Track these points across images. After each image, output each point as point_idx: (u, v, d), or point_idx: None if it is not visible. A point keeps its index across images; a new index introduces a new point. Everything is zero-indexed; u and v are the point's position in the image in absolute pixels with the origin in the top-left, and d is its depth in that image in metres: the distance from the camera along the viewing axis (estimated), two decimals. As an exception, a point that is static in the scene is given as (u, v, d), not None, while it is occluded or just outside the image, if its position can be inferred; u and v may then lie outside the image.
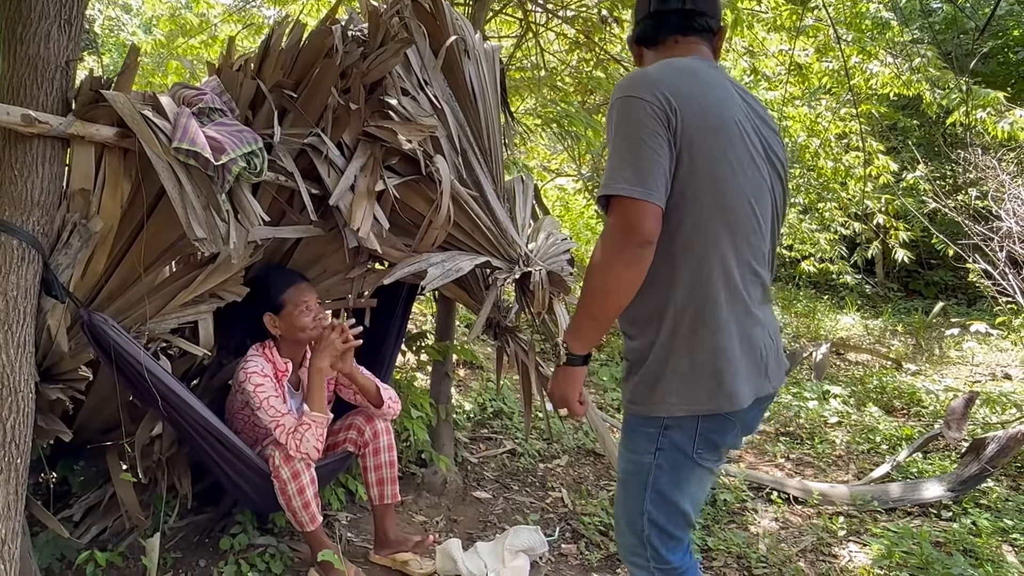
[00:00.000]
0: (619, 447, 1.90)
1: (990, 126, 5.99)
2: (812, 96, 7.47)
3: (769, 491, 3.83)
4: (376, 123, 2.64)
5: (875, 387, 5.90)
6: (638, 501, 1.84)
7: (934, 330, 8.13)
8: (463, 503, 3.46)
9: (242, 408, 2.79)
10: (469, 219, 2.90)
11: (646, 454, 1.79)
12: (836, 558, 3.26)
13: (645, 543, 1.86)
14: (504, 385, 4.74)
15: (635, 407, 1.79)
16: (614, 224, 1.60)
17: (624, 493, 1.88)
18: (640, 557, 1.89)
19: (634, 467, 1.83)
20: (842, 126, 6.85)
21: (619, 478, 1.91)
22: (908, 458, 4.28)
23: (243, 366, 2.67)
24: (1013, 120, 5.87)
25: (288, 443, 2.56)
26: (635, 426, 1.81)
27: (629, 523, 1.88)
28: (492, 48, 3.27)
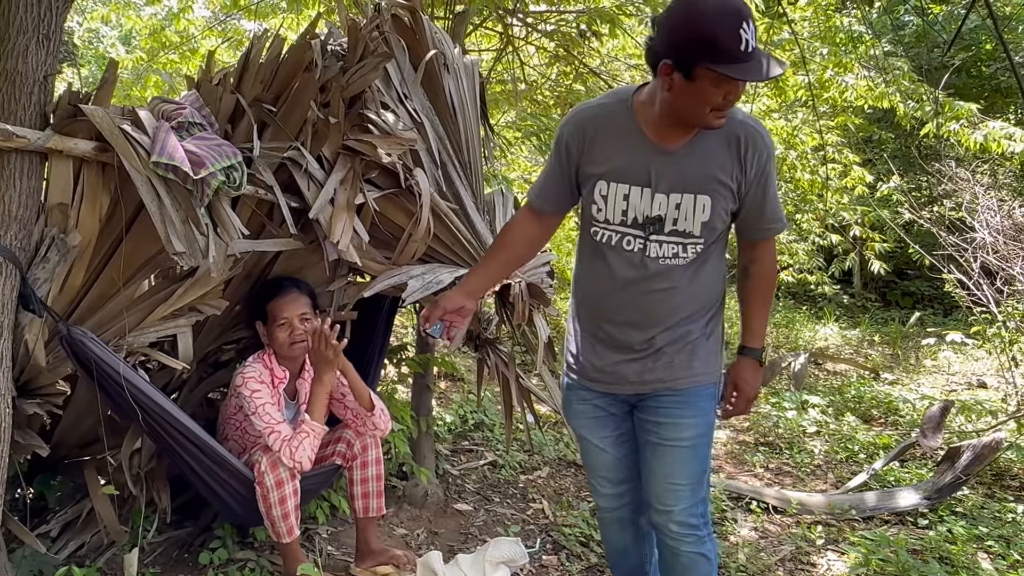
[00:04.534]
0: (678, 421, 2.14)
1: (964, 138, 6.08)
2: (789, 109, 7.55)
3: (748, 501, 3.85)
4: (356, 136, 2.65)
5: (853, 396, 5.96)
6: (706, 460, 2.21)
7: (911, 340, 8.23)
8: (444, 515, 3.46)
9: (235, 413, 2.80)
10: (449, 232, 2.91)
11: (711, 413, 2.18)
12: (814, 567, 3.29)
13: (704, 501, 2.22)
14: (485, 397, 4.75)
15: (703, 377, 2.14)
16: (775, 247, 2.23)
17: (694, 457, 2.16)
18: (700, 519, 2.20)
19: (704, 429, 2.17)
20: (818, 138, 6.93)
21: (684, 448, 2.15)
22: (885, 467, 4.33)
23: (241, 371, 2.69)
24: (987, 132, 5.97)
25: (283, 451, 2.55)
26: (698, 393, 2.14)
27: (695, 488, 2.17)
28: (472, 62, 3.30)
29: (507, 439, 3.65)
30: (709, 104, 1.84)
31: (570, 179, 2.14)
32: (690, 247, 2.04)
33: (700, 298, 2.11)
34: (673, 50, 1.83)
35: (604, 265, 2.11)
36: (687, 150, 1.98)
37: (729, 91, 1.83)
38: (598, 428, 2.30)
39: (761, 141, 2.00)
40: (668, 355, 2.11)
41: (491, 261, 2.36)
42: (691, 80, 1.82)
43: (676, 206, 1.99)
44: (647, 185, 2.00)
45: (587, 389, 2.27)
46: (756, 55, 1.79)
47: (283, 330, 2.71)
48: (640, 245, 2.04)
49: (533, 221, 2.28)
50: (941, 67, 9.04)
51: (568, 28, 5.75)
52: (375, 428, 2.84)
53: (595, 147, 2.06)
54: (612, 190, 2.04)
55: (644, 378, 2.14)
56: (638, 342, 2.11)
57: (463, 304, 2.29)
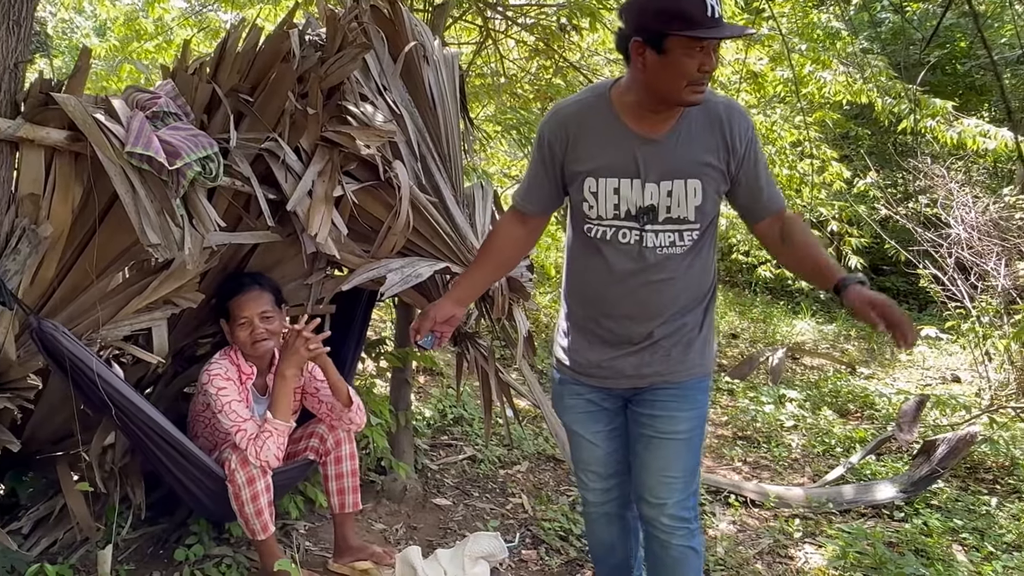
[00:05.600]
0: (674, 414, 2.14)
1: (940, 134, 6.14)
2: (767, 104, 7.59)
3: (727, 494, 3.86)
4: (334, 128, 2.62)
5: (830, 391, 6.00)
6: (699, 452, 2.22)
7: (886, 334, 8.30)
8: (423, 510, 3.44)
9: (203, 410, 2.76)
10: (428, 225, 2.89)
11: (704, 406, 2.21)
12: (792, 560, 3.31)
13: (695, 494, 2.24)
14: (464, 391, 4.73)
15: (699, 369, 2.16)
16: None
17: (688, 450, 2.16)
18: (692, 512, 2.21)
19: (698, 421, 2.18)
20: (796, 133, 6.97)
21: (679, 440, 2.15)
22: (862, 460, 4.36)
23: (207, 368, 2.64)
24: (961, 129, 6.02)
25: (248, 449, 2.52)
26: (694, 386, 2.16)
27: (687, 481, 2.18)
28: (451, 54, 3.28)
29: (486, 433, 3.63)
30: (685, 77, 1.84)
31: (555, 179, 2.13)
32: (686, 234, 2.04)
33: (695, 288, 2.12)
34: (641, 27, 1.84)
35: (601, 260, 2.09)
36: (671, 136, 1.98)
37: (703, 61, 1.83)
38: (591, 423, 2.29)
39: (743, 118, 2.02)
40: (665, 348, 2.12)
41: (479, 267, 2.35)
42: (663, 54, 1.82)
43: (668, 193, 1.99)
44: (636, 176, 1.99)
45: (580, 384, 2.25)
46: (723, 23, 1.80)
47: (244, 329, 2.66)
48: (636, 237, 2.03)
49: (519, 224, 2.27)
50: (917, 64, 9.12)
51: (548, 22, 5.74)
52: (350, 423, 2.82)
53: (579, 144, 2.05)
54: (601, 185, 2.03)
55: (641, 372, 2.14)
56: (637, 335, 2.11)
57: (452, 313, 2.29)
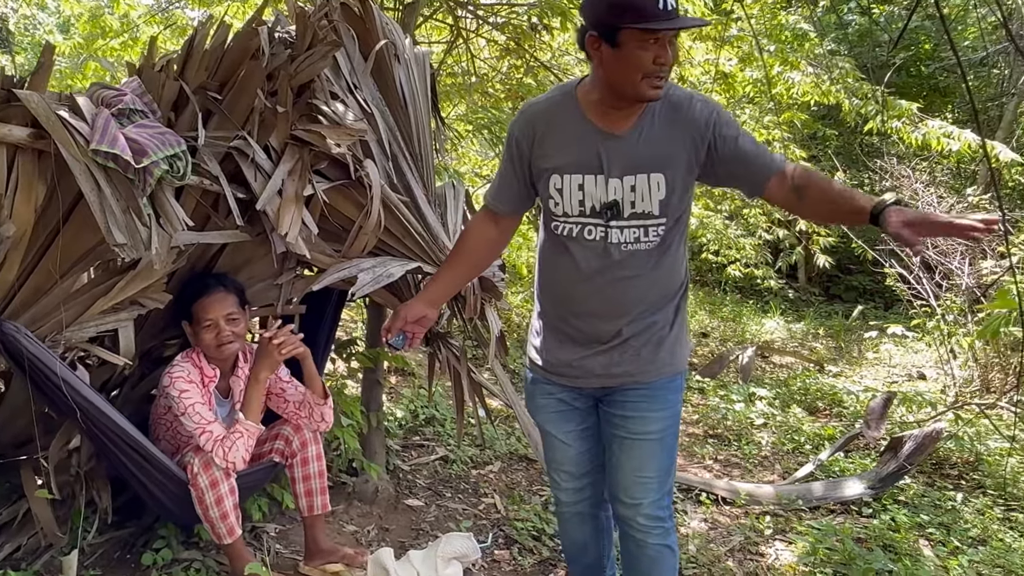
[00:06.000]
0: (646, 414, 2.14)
1: (905, 136, 6.22)
2: (737, 104, 7.64)
3: (698, 492, 3.89)
4: (304, 127, 2.60)
5: (799, 388, 6.06)
6: (674, 451, 2.22)
7: (853, 333, 8.41)
8: (395, 511, 3.42)
9: (164, 414, 2.71)
10: (400, 224, 2.87)
11: (677, 405, 2.20)
12: (763, 556, 3.33)
13: (670, 493, 2.24)
14: (436, 392, 4.71)
15: (669, 368, 2.14)
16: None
17: (662, 449, 2.16)
18: (667, 511, 2.22)
19: (671, 421, 2.18)
20: (766, 134, 7.03)
21: (652, 441, 2.15)
22: (830, 457, 4.41)
23: (168, 371, 2.59)
24: (926, 130, 6.11)
25: (215, 451, 2.49)
26: (665, 385, 2.15)
27: (662, 480, 2.18)
28: (422, 53, 3.26)
29: (458, 434, 3.62)
30: (640, 70, 1.84)
31: (524, 177, 2.14)
32: (651, 230, 2.03)
33: (664, 286, 2.11)
34: (596, 21, 1.85)
35: (568, 258, 2.10)
36: (635, 132, 1.98)
37: (658, 54, 1.83)
38: (562, 422, 2.29)
39: (704, 103, 2.00)
40: (634, 347, 2.11)
41: (451, 268, 2.34)
42: (618, 47, 1.83)
43: (631, 188, 1.99)
44: (600, 172, 1.99)
45: (552, 383, 2.26)
46: (676, 15, 1.80)
47: (209, 332, 2.62)
48: (602, 233, 2.03)
49: (490, 224, 2.28)
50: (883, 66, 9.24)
51: (519, 21, 5.73)
52: (321, 419, 2.79)
53: (545, 142, 2.06)
54: (566, 182, 2.03)
55: (611, 371, 2.14)
56: (605, 334, 2.11)
57: (424, 313, 2.28)
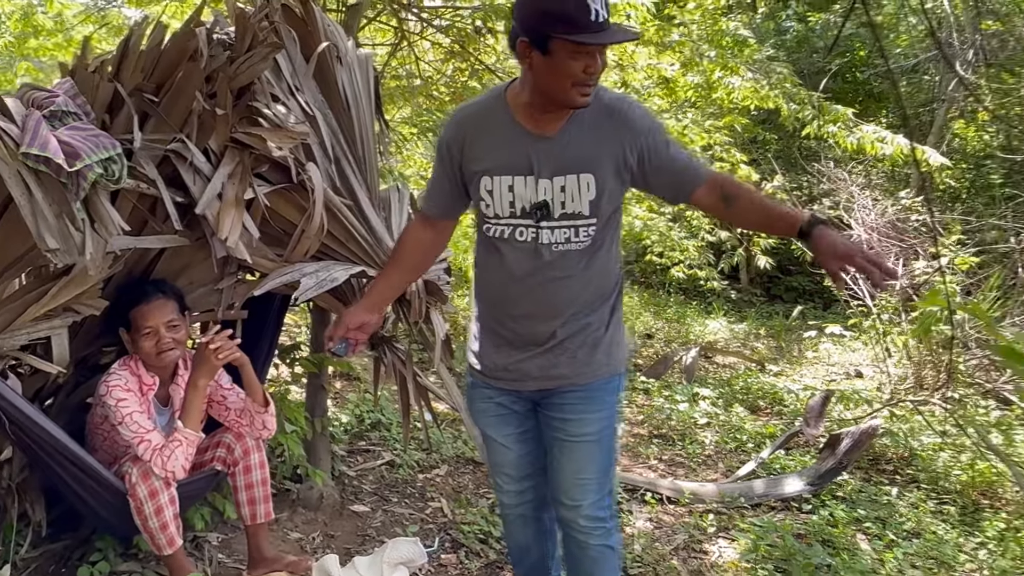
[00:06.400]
0: (583, 416, 2.15)
1: (841, 140, 6.39)
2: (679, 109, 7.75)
3: (643, 492, 3.93)
4: (245, 129, 2.56)
5: (741, 388, 6.17)
6: (612, 452, 2.23)
7: (793, 332, 8.58)
8: (340, 517, 3.39)
9: (101, 423, 2.65)
10: (343, 228, 2.85)
11: (614, 406, 2.21)
12: (707, 554, 3.38)
13: (611, 493, 2.26)
14: (382, 396, 4.68)
15: (606, 369, 2.15)
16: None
17: (600, 451, 2.18)
18: (607, 511, 2.24)
19: (608, 422, 2.19)
20: (707, 137, 7.14)
21: (590, 442, 2.16)
22: (771, 455, 4.49)
23: (105, 379, 2.54)
24: (861, 135, 6.28)
25: (153, 460, 2.44)
26: (601, 386, 2.16)
27: (602, 481, 2.20)
28: (365, 55, 3.24)
29: (405, 438, 3.61)
30: (570, 78, 1.86)
31: (456, 181, 2.14)
32: (582, 230, 2.04)
33: (597, 287, 2.12)
34: (527, 27, 1.86)
35: (500, 260, 2.11)
36: (564, 133, 2.00)
37: (588, 64, 1.85)
38: (502, 426, 2.30)
39: (637, 108, 2.04)
40: (570, 350, 2.12)
41: (389, 273, 2.35)
42: (548, 55, 1.84)
43: (561, 188, 2.00)
44: (530, 173, 2.01)
45: (490, 387, 2.26)
46: (608, 26, 1.82)
47: (148, 339, 2.57)
48: (532, 234, 2.05)
49: (425, 228, 2.28)
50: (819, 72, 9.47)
51: (463, 24, 5.73)
52: (263, 427, 2.76)
53: (476, 144, 2.07)
54: (496, 184, 2.05)
55: (548, 373, 2.15)
56: (541, 336, 2.12)
57: (365, 319, 2.27)
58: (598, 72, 1.89)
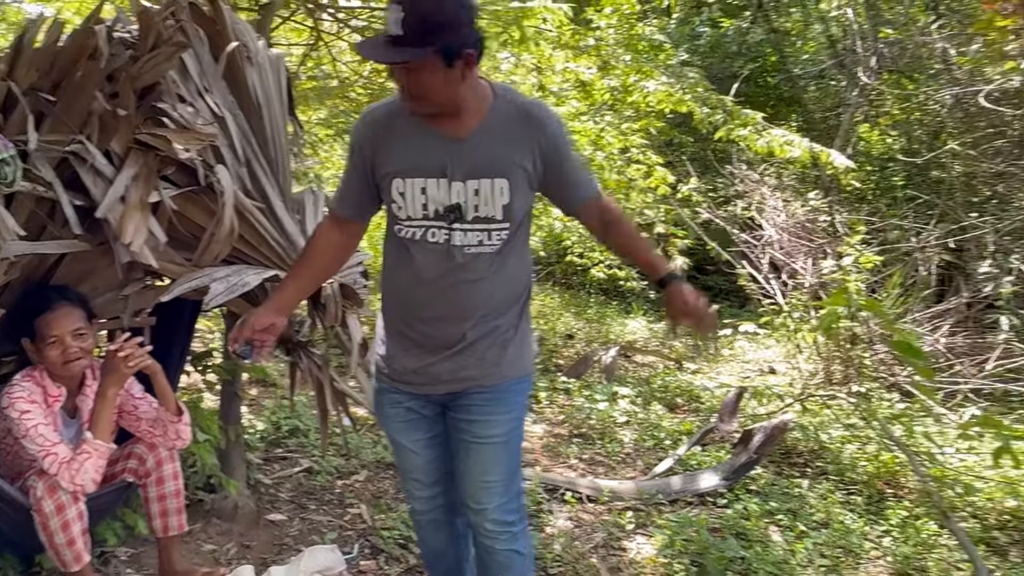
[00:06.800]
0: (489, 417, 2.15)
1: (751, 144, 6.57)
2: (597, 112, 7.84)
3: (563, 492, 3.96)
4: (149, 130, 2.49)
5: (659, 386, 6.27)
6: (518, 454, 2.24)
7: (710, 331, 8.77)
8: (256, 527, 3.32)
9: (4, 437, 2.54)
10: (255, 232, 2.79)
11: (521, 407, 2.22)
12: (625, 551, 3.43)
13: (519, 495, 2.27)
14: (299, 402, 4.60)
15: (514, 371, 2.16)
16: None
17: (506, 453, 2.19)
18: (515, 515, 2.24)
19: (515, 424, 2.21)
20: (624, 140, 7.24)
21: (496, 444, 2.17)
22: (688, 452, 4.59)
23: (7, 391, 2.43)
24: (770, 139, 6.47)
25: (61, 474, 2.34)
26: (509, 388, 2.16)
27: (507, 484, 2.20)
28: (277, 55, 3.18)
29: (323, 444, 3.56)
30: (399, 86, 1.95)
31: (368, 182, 2.13)
32: (495, 234, 2.05)
33: (507, 290, 2.13)
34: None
35: (411, 262, 2.10)
36: (477, 136, 2.00)
37: (397, 74, 1.92)
38: (410, 431, 2.28)
39: (546, 117, 2.08)
40: (479, 351, 2.12)
41: (297, 275, 2.31)
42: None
43: (475, 192, 2.01)
44: (442, 176, 2.01)
45: (399, 392, 2.25)
46: (386, 43, 1.85)
47: (54, 349, 2.47)
48: (445, 236, 2.04)
49: (336, 229, 2.26)
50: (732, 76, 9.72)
51: (381, 25, 5.69)
52: (177, 437, 2.68)
53: (387, 146, 2.06)
54: (409, 186, 2.04)
55: (458, 376, 2.14)
56: (451, 338, 2.11)
57: (272, 321, 2.21)
58: (405, 85, 1.92)
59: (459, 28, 1.85)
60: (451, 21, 1.83)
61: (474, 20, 1.90)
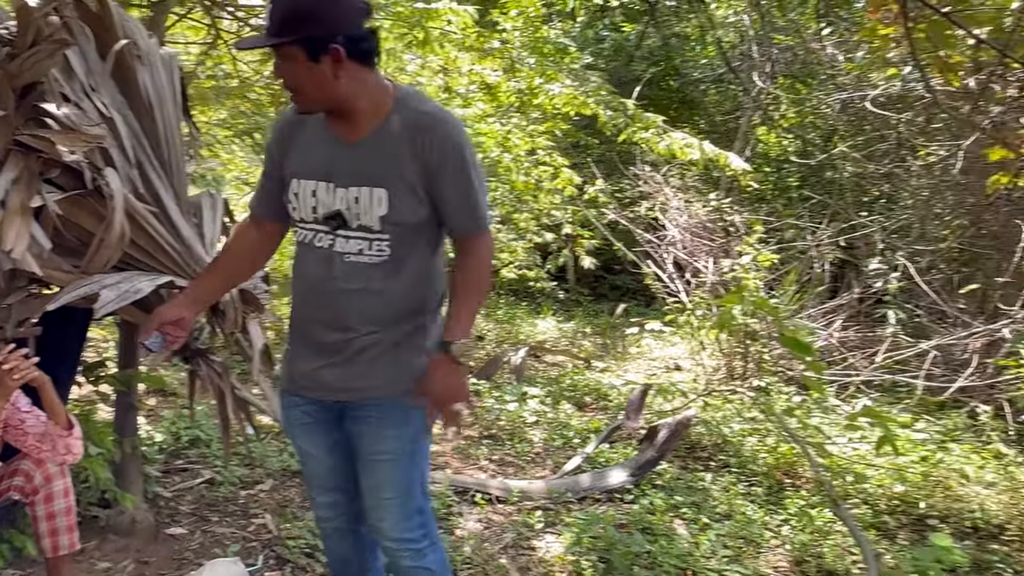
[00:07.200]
0: (379, 432, 2.09)
1: (653, 145, 6.72)
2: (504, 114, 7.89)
3: (473, 494, 3.96)
4: (30, 131, 2.38)
5: (568, 385, 6.34)
6: (413, 472, 2.14)
7: (618, 330, 8.92)
8: (155, 542, 3.21)
9: None
10: (148, 236, 2.70)
11: (417, 423, 2.08)
12: (534, 550, 3.46)
13: (421, 513, 2.18)
14: (202, 411, 4.47)
15: (407, 386, 2.04)
16: (489, 245, 2.12)
17: (397, 470, 2.11)
18: (416, 531, 2.16)
19: (407, 440, 2.10)
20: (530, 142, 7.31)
21: (386, 461, 2.10)
22: (596, 449, 4.65)
23: None
24: (670, 141, 6.64)
25: None
26: (400, 403, 2.06)
27: (403, 501, 2.13)
28: (169, 54, 3.09)
29: (225, 454, 3.46)
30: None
31: (279, 182, 2.10)
32: (375, 244, 1.99)
33: (398, 304, 2.05)
34: None
35: (305, 265, 2.09)
36: (367, 143, 1.98)
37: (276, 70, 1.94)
38: (310, 435, 2.24)
39: (441, 129, 1.96)
40: (368, 363, 2.05)
41: (213, 270, 2.28)
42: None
43: (355, 200, 1.97)
44: (329, 180, 1.99)
45: (297, 395, 2.21)
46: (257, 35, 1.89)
47: None
48: (329, 242, 2.02)
49: (253, 228, 2.23)
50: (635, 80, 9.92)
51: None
52: (67, 452, 2.56)
53: (292, 145, 2.06)
54: (302, 188, 2.02)
55: (348, 385, 2.09)
56: (335, 345, 2.06)
57: (182, 315, 2.13)
58: (280, 78, 1.95)
59: (323, 21, 1.83)
60: (315, 13, 1.82)
61: (352, 18, 1.86)
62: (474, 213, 2.04)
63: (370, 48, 1.92)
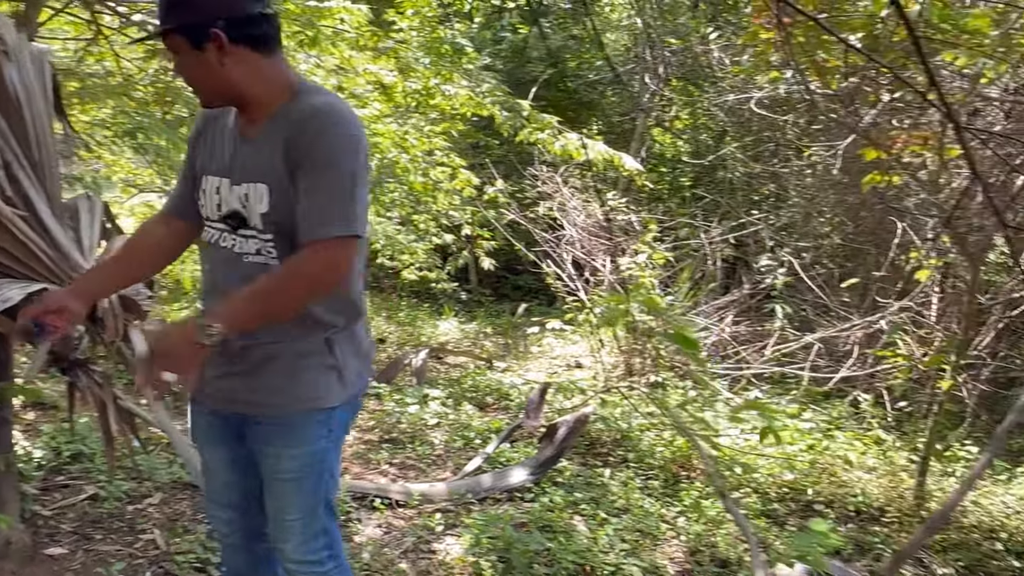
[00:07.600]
0: (280, 451, 2.00)
1: (549, 146, 6.79)
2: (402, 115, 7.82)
3: (372, 499, 3.91)
4: None
5: (470, 386, 6.34)
6: (317, 492, 2.04)
7: (519, 329, 8.97)
8: (32, 563, 3.04)
9: None
10: (17, 242, 2.55)
11: (319, 442, 2.00)
12: (435, 553, 3.44)
13: (325, 534, 2.09)
14: (85, 424, 4.26)
15: (312, 403, 1.96)
16: (325, 262, 1.78)
17: (299, 491, 2.02)
18: (320, 553, 2.08)
19: (310, 459, 2.00)
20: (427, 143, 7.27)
21: (287, 481, 2.02)
22: (497, 449, 4.66)
23: None
24: (566, 142, 6.72)
25: None
26: (304, 420, 1.97)
27: (307, 522, 2.05)
28: (40, 50, 2.93)
29: (110, 468, 3.31)
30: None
31: (194, 179, 2.04)
32: (266, 244, 1.89)
33: (306, 312, 1.88)
34: None
35: (210, 266, 2.03)
36: (258, 138, 1.89)
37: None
38: (209, 446, 2.18)
39: (318, 121, 1.80)
40: (265, 374, 1.95)
41: (110, 262, 2.19)
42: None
43: (245, 196, 1.89)
44: (228, 176, 1.93)
45: (200, 403, 2.14)
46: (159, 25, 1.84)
47: None
48: (232, 242, 1.95)
49: (160, 224, 2.15)
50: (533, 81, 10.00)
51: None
52: None
53: (204, 140, 2.01)
54: (209, 184, 1.96)
55: (248, 399, 2.00)
56: (232, 351, 1.94)
57: (66, 304, 1.97)
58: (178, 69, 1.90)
59: (201, 6, 1.77)
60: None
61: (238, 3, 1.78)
62: (321, 218, 1.77)
63: (262, 33, 1.82)
